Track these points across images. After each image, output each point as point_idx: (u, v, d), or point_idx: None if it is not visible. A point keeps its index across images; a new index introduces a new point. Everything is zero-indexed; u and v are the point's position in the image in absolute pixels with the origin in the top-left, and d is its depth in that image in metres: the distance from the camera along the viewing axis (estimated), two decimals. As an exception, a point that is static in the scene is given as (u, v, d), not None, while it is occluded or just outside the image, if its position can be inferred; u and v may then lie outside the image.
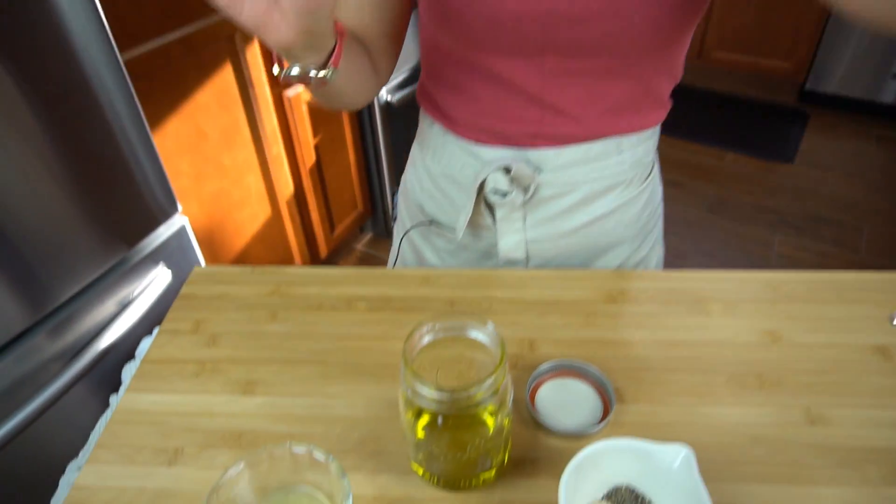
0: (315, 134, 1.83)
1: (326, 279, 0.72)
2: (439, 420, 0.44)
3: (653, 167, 0.75)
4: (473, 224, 0.75)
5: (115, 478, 0.53)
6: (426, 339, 0.47)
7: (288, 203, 1.83)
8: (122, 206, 1.09)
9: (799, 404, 0.56)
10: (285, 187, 1.80)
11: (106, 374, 1.10)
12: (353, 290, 0.70)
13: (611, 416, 0.55)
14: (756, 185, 2.68)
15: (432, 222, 0.79)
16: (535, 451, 0.53)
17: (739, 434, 0.54)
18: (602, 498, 0.49)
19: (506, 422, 0.47)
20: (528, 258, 0.75)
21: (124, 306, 1.11)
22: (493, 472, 0.49)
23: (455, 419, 0.45)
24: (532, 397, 0.57)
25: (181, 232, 1.23)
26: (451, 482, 0.49)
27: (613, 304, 0.67)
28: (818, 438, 0.53)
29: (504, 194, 0.69)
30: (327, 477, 0.49)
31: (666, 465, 0.48)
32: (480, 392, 0.42)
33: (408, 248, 0.86)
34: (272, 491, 0.51)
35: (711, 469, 0.51)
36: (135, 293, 1.14)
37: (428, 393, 0.42)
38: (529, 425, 0.55)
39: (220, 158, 1.54)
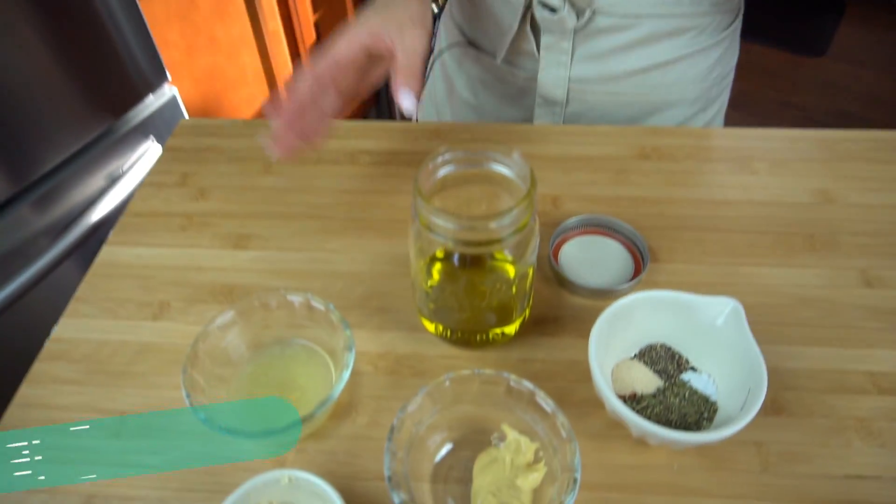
0: (315, 10, 1.70)
1: (326, 134, 0.65)
2: (455, 260, 0.38)
3: (736, 17, 0.64)
4: (515, 50, 0.65)
5: (96, 330, 0.48)
6: (442, 172, 0.40)
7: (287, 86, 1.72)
8: (106, 71, 1.00)
9: (854, 266, 0.50)
10: (283, 68, 1.68)
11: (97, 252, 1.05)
12: (356, 144, 0.63)
13: (643, 275, 0.49)
14: (782, 80, 2.53)
15: (471, 43, 0.70)
16: (559, 310, 0.48)
17: (787, 295, 0.49)
18: (634, 356, 0.44)
19: (529, 270, 0.41)
20: (567, 101, 0.65)
21: (113, 181, 1.05)
22: (512, 327, 0.44)
23: (473, 260, 0.39)
24: (556, 254, 0.51)
25: (172, 104, 1.14)
26: (466, 336, 0.44)
27: (647, 161, 0.60)
28: (875, 300, 0.48)
29: (553, 10, 0.58)
30: (327, 329, 0.44)
31: (709, 320, 0.42)
32: (503, 225, 0.36)
33: (439, 74, 0.77)
34: (267, 345, 0.46)
35: (755, 330, 0.45)
36: (124, 167, 1.07)
37: (444, 223, 0.35)
38: (552, 283, 0.50)
39: (213, 31, 1.42)
